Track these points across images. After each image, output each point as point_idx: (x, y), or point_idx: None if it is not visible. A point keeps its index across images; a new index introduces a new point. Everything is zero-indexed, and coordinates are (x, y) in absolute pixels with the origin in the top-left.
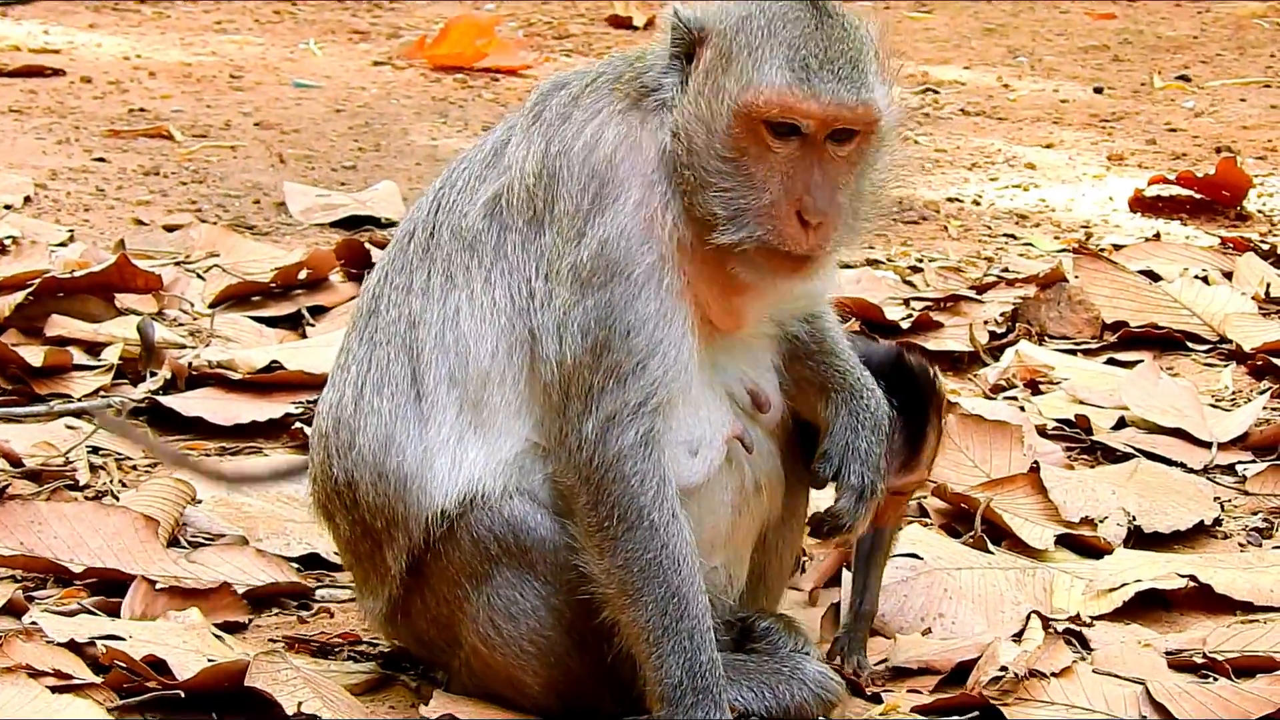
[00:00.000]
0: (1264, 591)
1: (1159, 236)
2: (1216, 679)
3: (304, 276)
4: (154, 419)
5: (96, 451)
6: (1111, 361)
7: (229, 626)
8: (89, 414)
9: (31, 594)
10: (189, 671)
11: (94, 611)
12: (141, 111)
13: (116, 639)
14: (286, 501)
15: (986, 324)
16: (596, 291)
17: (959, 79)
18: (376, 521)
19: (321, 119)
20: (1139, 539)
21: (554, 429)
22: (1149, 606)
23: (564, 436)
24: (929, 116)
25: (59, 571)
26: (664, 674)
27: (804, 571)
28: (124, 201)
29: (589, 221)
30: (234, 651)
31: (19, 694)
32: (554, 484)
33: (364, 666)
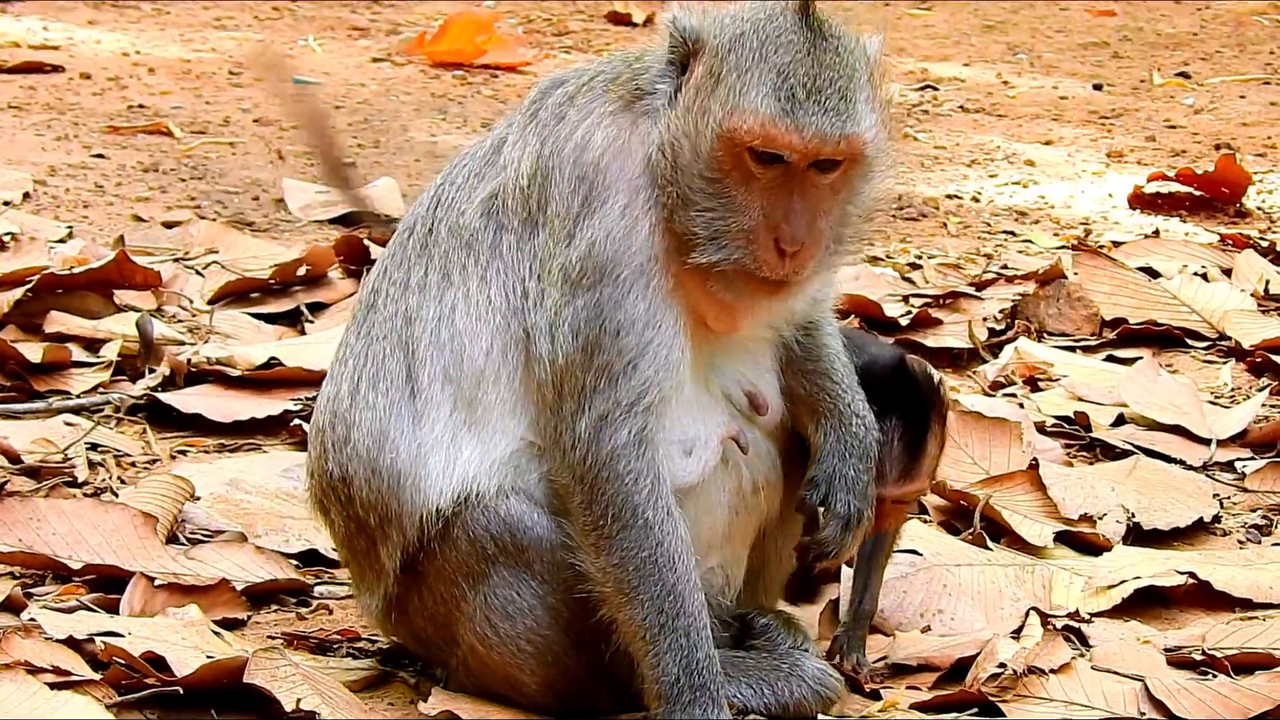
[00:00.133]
0: (1263, 588)
1: (1158, 233)
2: (1215, 676)
3: (303, 273)
4: (153, 415)
5: (95, 448)
6: (1110, 358)
7: (228, 623)
8: (89, 410)
9: (30, 591)
10: (188, 668)
11: (93, 608)
12: (141, 108)
13: (115, 636)
14: (285, 498)
15: (985, 321)
16: (586, 292)
17: (958, 76)
18: (370, 518)
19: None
20: (1138, 536)
21: (548, 428)
22: (1148, 603)
23: (558, 435)
24: (928, 113)
25: (58, 568)
26: (661, 672)
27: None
28: (123, 198)
29: (578, 223)
30: (233, 648)
31: (17, 691)
32: (549, 482)
33: (363, 663)
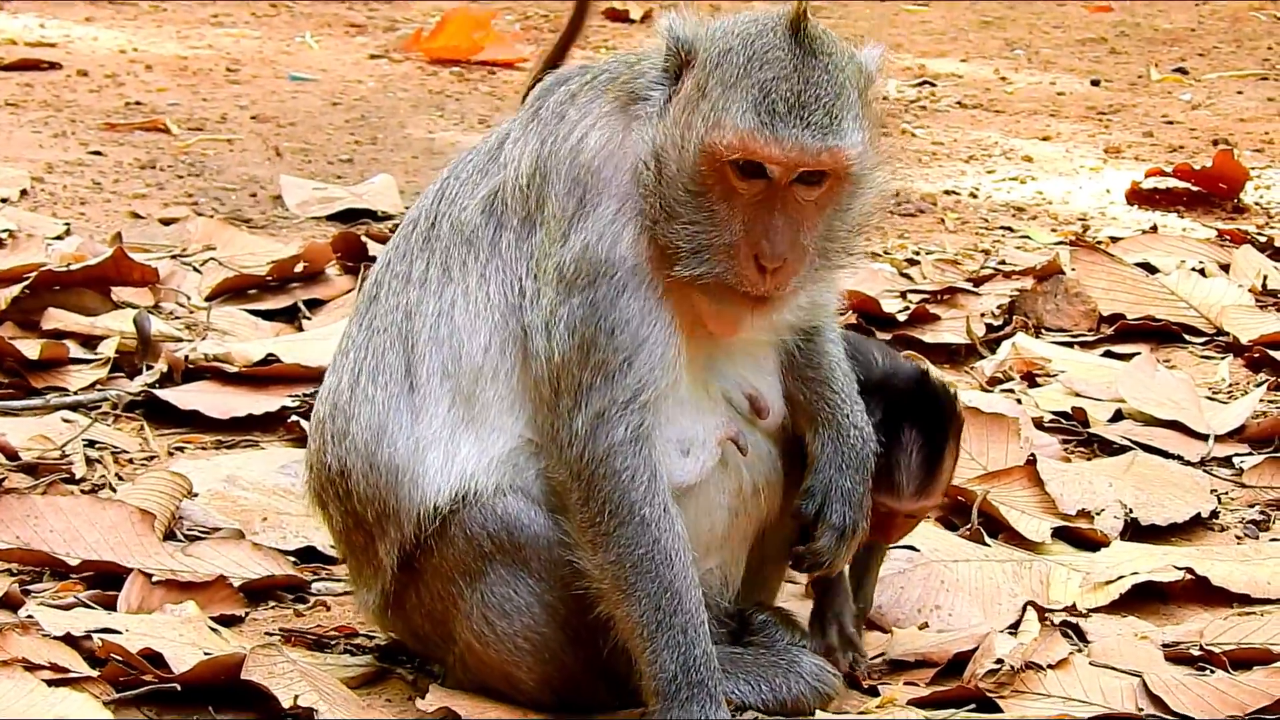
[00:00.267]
0: (1261, 584)
1: (1156, 229)
2: (1213, 671)
3: (300, 270)
4: (150, 412)
5: (93, 445)
6: (1108, 354)
7: (225, 620)
8: (87, 407)
9: (28, 587)
10: (185, 665)
11: (90, 605)
12: (138, 105)
13: (113, 632)
14: (283, 495)
15: (983, 316)
16: (581, 292)
17: (956, 72)
18: (368, 514)
19: (318, 112)
20: (1136, 531)
21: (546, 425)
22: (1146, 599)
23: (555, 432)
24: (926, 109)
25: (55, 565)
26: (658, 668)
27: None
28: (120, 195)
29: (572, 224)
30: (230, 645)
31: (15, 687)
32: (547, 479)
33: (360, 660)
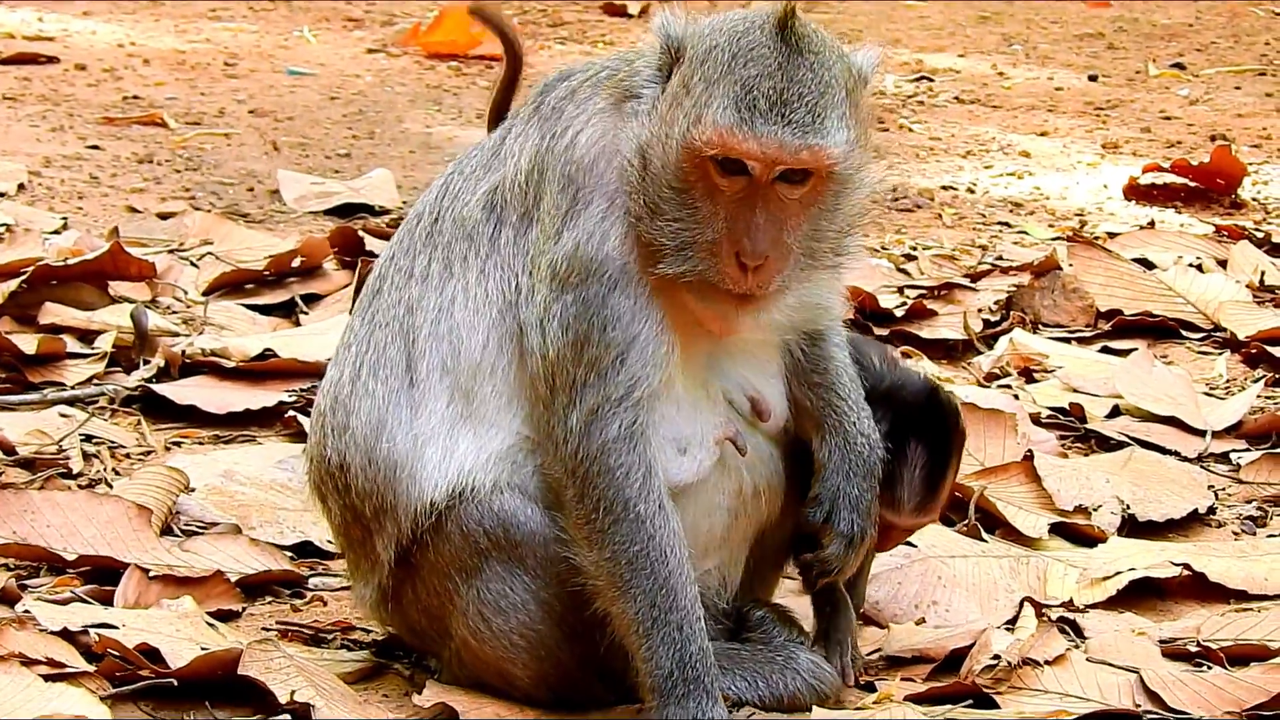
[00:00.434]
0: (1258, 580)
1: (1153, 224)
2: (1210, 667)
3: (298, 264)
4: (147, 407)
5: (90, 440)
6: (1106, 349)
7: (222, 615)
8: (84, 402)
9: (24, 583)
10: (182, 660)
11: (87, 600)
12: (135, 99)
13: (109, 627)
14: (280, 489)
15: (980, 312)
16: (574, 289)
17: (954, 67)
18: (366, 508)
19: (316, 106)
20: (1133, 527)
21: (542, 421)
22: (1143, 595)
23: (551, 429)
24: (923, 104)
25: (52, 560)
26: (655, 665)
27: None
28: (118, 189)
29: (565, 222)
30: (227, 640)
31: (12, 682)
32: (543, 476)
33: (357, 655)
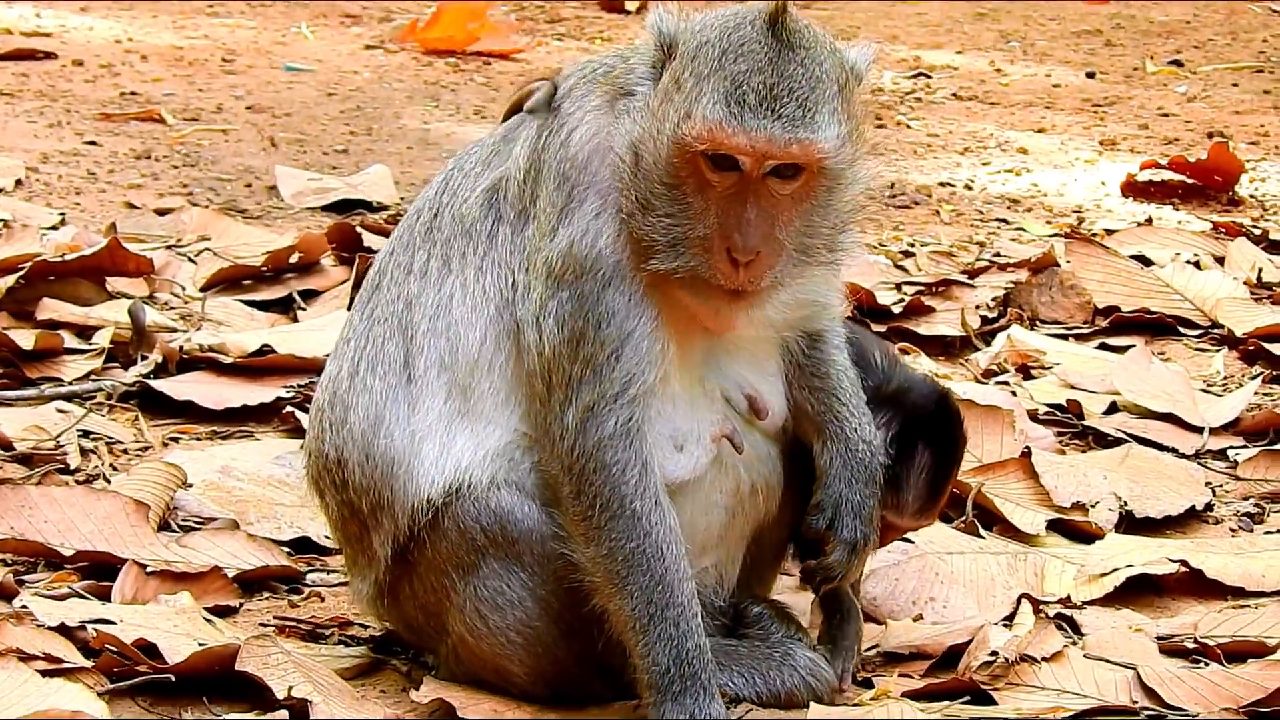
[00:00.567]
0: (1255, 577)
1: (1151, 221)
2: (1207, 664)
3: (295, 260)
4: (145, 402)
5: (87, 435)
6: (1103, 346)
7: (219, 610)
8: (81, 397)
9: (22, 578)
10: (179, 655)
11: (85, 595)
12: (133, 95)
13: (107, 623)
14: (277, 485)
15: (978, 308)
16: (569, 286)
17: (951, 64)
18: (363, 504)
19: (313, 103)
20: (1130, 524)
21: (539, 418)
22: (1140, 591)
23: (548, 426)
24: (921, 101)
25: (50, 555)
26: (652, 661)
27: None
28: (115, 185)
29: (560, 219)
30: (224, 635)
31: (9, 678)
32: (540, 473)
33: (355, 651)
